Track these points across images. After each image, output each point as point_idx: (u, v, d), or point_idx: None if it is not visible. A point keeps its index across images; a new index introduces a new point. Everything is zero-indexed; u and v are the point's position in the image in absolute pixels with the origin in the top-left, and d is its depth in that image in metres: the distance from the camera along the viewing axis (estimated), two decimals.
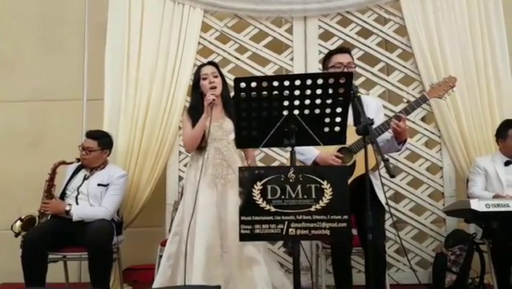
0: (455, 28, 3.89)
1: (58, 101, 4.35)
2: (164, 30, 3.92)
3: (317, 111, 1.92)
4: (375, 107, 2.87)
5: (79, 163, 3.42)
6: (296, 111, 1.92)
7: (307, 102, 1.90)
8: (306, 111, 1.92)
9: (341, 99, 1.89)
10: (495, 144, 3.56)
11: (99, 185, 3.34)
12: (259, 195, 1.85)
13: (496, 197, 3.21)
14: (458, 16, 3.91)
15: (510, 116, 3.71)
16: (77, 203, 3.29)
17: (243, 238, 1.85)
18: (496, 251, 3.17)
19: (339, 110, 1.92)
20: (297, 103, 1.90)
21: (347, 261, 2.78)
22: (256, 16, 4.04)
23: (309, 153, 2.71)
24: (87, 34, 4.41)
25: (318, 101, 1.90)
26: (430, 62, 3.86)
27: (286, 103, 1.90)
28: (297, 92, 1.88)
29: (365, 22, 4.02)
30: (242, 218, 1.84)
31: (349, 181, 2.60)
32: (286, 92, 1.88)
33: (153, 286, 2.80)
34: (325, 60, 2.93)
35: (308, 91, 1.87)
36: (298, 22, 4.03)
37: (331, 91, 1.87)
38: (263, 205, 1.85)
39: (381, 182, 2.63)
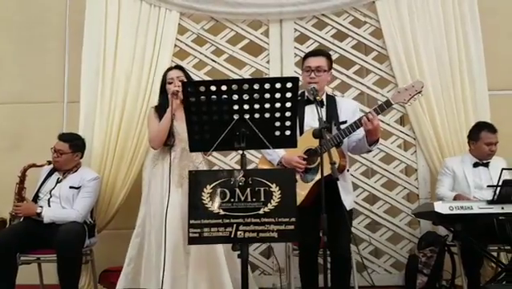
0: (430, 30, 3.92)
1: (38, 103, 4.35)
2: (140, 33, 3.93)
3: (267, 115, 1.94)
4: (350, 109, 2.88)
5: (51, 166, 3.43)
6: (247, 115, 1.94)
7: (257, 106, 1.92)
8: (257, 115, 1.94)
9: (289, 103, 1.90)
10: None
11: (71, 187, 3.35)
12: (208, 198, 1.87)
13: (458, 196, 3.23)
14: (433, 18, 3.93)
15: (485, 117, 3.75)
16: (49, 206, 3.30)
17: (192, 241, 1.86)
18: (465, 253, 3.18)
19: (288, 114, 1.93)
20: (247, 107, 1.92)
21: (314, 262, 2.80)
22: (232, 19, 4.06)
23: (275, 154, 2.73)
24: (67, 36, 4.41)
25: (267, 105, 1.91)
26: (405, 64, 3.89)
27: (235, 107, 1.92)
28: (246, 96, 1.89)
29: (341, 24, 4.04)
30: (191, 222, 1.86)
31: (313, 182, 2.64)
32: (235, 96, 1.89)
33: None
34: (302, 62, 2.94)
35: (257, 96, 1.89)
36: (274, 25, 4.05)
37: (278, 95, 1.89)
38: (212, 208, 1.87)
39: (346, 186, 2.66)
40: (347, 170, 2.82)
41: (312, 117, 2.71)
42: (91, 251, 3.50)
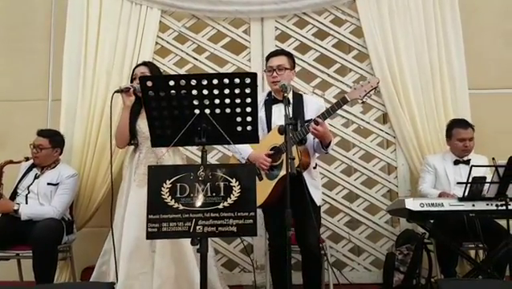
0: (410, 29, 3.93)
1: (23, 101, 4.35)
2: (121, 30, 3.95)
3: (228, 110, 1.95)
4: (315, 107, 2.88)
5: (29, 162, 3.44)
6: (207, 110, 1.95)
7: (217, 101, 1.93)
8: (217, 111, 1.95)
9: (249, 98, 1.92)
10: None
11: (48, 184, 3.36)
12: (168, 193, 1.88)
13: (442, 194, 3.25)
14: (414, 17, 3.94)
15: (465, 116, 3.75)
16: (27, 202, 3.32)
17: (150, 236, 1.87)
18: (440, 251, 3.20)
19: (248, 109, 1.94)
20: (207, 102, 1.93)
21: (282, 258, 2.80)
22: (214, 17, 4.07)
23: (244, 152, 2.75)
24: (52, 35, 4.41)
25: (227, 100, 1.93)
26: (385, 63, 3.90)
27: (195, 102, 1.93)
28: (205, 91, 1.90)
29: (321, 23, 4.05)
30: (150, 217, 1.87)
31: (276, 180, 2.66)
32: (195, 91, 1.90)
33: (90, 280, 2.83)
34: (265, 64, 2.96)
35: (216, 91, 1.90)
36: (255, 23, 4.07)
37: (238, 90, 1.90)
38: (171, 203, 1.88)
39: (316, 181, 2.66)
40: (314, 167, 2.83)
41: (279, 116, 2.73)
42: (70, 248, 3.52)
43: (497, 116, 4.03)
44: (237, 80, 1.87)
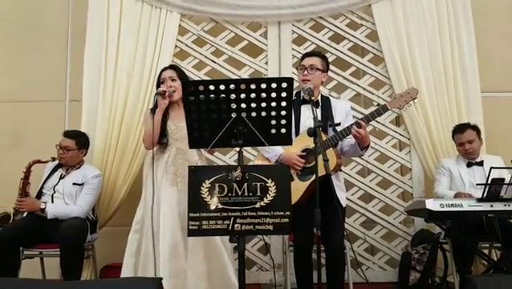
0: (424, 33, 4.01)
1: (39, 102, 4.42)
2: (141, 34, 4.03)
3: (263, 113, 2.03)
4: (343, 111, 2.97)
5: (55, 162, 3.51)
6: (244, 114, 2.03)
7: (253, 105, 2.01)
8: (254, 114, 2.03)
9: (284, 102, 2.00)
10: None
11: (74, 184, 3.44)
12: (207, 193, 1.96)
13: (458, 194, 3.33)
14: (428, 21, 4.03)
15: (478, 119, 3.84)
16: (53, 201, 3.39)
17: (191, 233, 1.96)
18: (457, 250, 3.27)
19: (283, 113, 2.03)
20: (244, 105, 2.01)
21: (308, 259, 2.88)
22: (232, 20, 4.15)
23: (274, 151, 2.83)
24: (69, 36, 4.49)
25: (263, 104, 2.01)
26: (400, 66, 3.98)
27: (233, 105, 2.01)
28: (243, 96, 1.99)
29: (337, 27, 4.14)
30: (191, 215, 1.95)
31: (309, 181, 2.73)
32: (233, 96, 1.99)
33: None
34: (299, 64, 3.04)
35: (253, 95, 1.99)
36: (272, 27, 4.15)
37: (274, 94, 1.98)
38: (211, 202, 1.96)
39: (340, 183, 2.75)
40: (340, 170, 2.91)
41: (308, 116, 2.79)
42: (93, 247, 3.59)
43: (509, 119, 4.11)
44: (274, 85, 1.96)
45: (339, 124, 2.89)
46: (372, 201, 4.02)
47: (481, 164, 3.47)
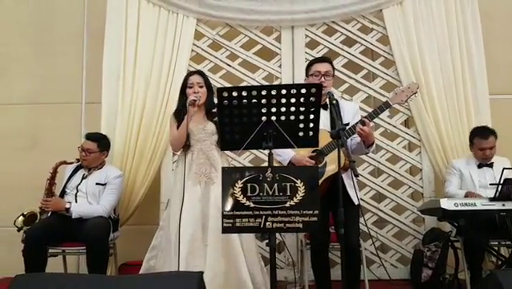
0: (434, 37, 4.12)
1: (54, 104, 4.53)
2: (159, 38, 4.14)
3: (292, 117, 2.15)
4: (351, 111, 3.07)
5: (79, 163, 3.62)
6: (273, 118, 2.15)
7: (283, 109, 2.13)
8: (283, 118, 2.15)
9: (312, 106, 2.11)
10: None
11: (97, 184, 3.55)
12: (240, 192, 2.07)
13: (468, 194, 3.43)
14: (437, 25, 4.14)
15: (486, 120, 3.95)
16: (76, 201, 3.50)
17: (225, 230, 2.07)
18: (468, 248, 3.38)
19: (311, 116, 2.14)
20: (274, 110, 2.13)
21: (325, 256, 2.99)
22: (246, 25, 4.26)
23: (286, 155, 2.93)
24: (85, 39, 4.59)
25: (292, 108, 2.12)
26: (410, 69, 4.09)
27: (264, 110, 2.13)
28: (273, 101, 2.10)
29: (349, 31, 4.25)
30: (225, 213, 2.06)
31: (320, 181, 2.84)
32: (264, 100, 2.10)
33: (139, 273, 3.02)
34: (307, 68, 3.15)
35: (283, 100, 2.10)
36: (286, 31, 4.26)
37: (303, 99, 2.09)
38: (243, 201, 2.07)
39: (353, 182, 2.85)
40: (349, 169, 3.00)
41: (322, 120, 2.89)
42: (114, 245, 3.70)
43: None
44: (303, 90, 2.07)
45: (347, 125, 2.98)
46: (384, 200, 4.13)
47: (490, 165, 3.58)
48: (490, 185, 3.19)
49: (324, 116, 2.83)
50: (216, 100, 2.20)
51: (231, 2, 4.17)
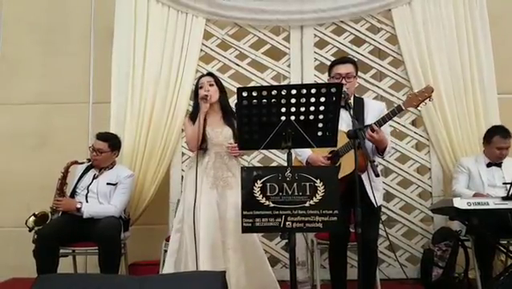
0: (443, 36, 4.13)
1: (62, 104, 4.55)
2: (168, 38, 4.15)
3: (311, 117, 2.15)
4: (376, 111, 2.99)
5: (90, 163, 3.62)
6: (293, 117, 2.15)
7: (302, 109, 2.13)
8: (302, 117, 2.15)
9: (332, 106, 2.12)
10: (480, 147, 3.79)
11: (108, 184, 3.55)
12: (259, 192, 2.08)
13: (476, 195, 3.43)
14: (446, 25, 4.15)
15: (495, 120, 3.96)
16: (87, 201, 3.50)
17: (245, 230, 2.07)
18: (479, 247, 3.39)
19: (330, 116, 2.14)
20: (293, 109, 2.13)
21: (343, 255, 2.99)
22: (255, 25, 4.27)
23: (304, 154, 2.93)
24: (93, 39, 4.60)
25: (312, 108, 2.13)
26: (419, 69, 4.10)
27: (283, 109, 2.13)
28: (293, 100, 2.11)
29: (358, 30, 4.26)
30: (244, 213, 2.06)
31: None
32: (284, 100, 2.10)
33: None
34: (329, 69, 3.08)
35: (303, 100, 2.10)
36: (295, 31, 4.27)
37: (323, 99, 2.10)
38: (263, 201, 2.07)
39: (370, 183, 2.84)
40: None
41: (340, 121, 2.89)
42: (125, 244, 3.71)
43: None
44: (323, 90, 2.07)
45: (367, 127, 2.96)
46: (393, 200, 4.13)
47: (499, 165, 3.59)
48: (504, 184, 3.20)
49: (346, 116, 2.79)
50: (235, 100, 2.20)
51: (240, 1, 4.17)
